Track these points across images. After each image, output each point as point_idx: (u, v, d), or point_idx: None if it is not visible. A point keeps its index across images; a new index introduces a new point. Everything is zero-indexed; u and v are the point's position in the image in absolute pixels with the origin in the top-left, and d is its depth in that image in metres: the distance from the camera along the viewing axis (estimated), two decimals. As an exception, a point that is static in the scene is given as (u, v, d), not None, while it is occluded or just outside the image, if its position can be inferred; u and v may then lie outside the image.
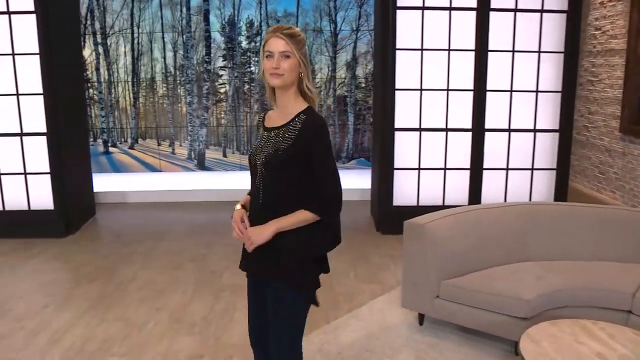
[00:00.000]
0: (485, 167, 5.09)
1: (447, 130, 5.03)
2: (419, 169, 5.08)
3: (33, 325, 3.43)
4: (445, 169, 5.09)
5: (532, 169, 5.15)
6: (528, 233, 3.43)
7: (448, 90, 4.97)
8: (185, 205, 6.32)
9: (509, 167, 5.12)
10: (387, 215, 5.11)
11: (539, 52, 4.94)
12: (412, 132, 5.01)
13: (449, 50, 4.90)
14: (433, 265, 3.14)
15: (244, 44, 7.45)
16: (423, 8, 4.83)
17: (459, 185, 5.12)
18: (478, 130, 5.02)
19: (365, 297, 3.82)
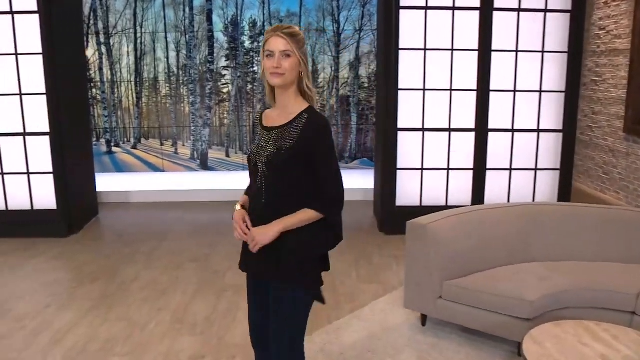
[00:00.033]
0: (489, 167, 5.07)
1: (450, 131, 5.02)
2: (422, 169, 5.07)
3: (35, 325, 3.44)
4: (448, 169, 5.08)
5: (535, 169, 5.13)
6: (531, 234, 3.42)
7: (451, 90, 4.96)
8: (188, 205, 6.32)
9: (512, 167, 5.11)
10: (389, 216, 5.10)
11: (543, 52, 4.93)
12: (415, 132, 5.00)
13: (452, 50, 4.89)
14: (436, 266, 3.13)
15: (247, 44, 7.45)
16: (426, 8, 4.81)
17: (462, 186, 5.10)
18: (481, 131, 5.01)
19: (368, 297, 3.81)
